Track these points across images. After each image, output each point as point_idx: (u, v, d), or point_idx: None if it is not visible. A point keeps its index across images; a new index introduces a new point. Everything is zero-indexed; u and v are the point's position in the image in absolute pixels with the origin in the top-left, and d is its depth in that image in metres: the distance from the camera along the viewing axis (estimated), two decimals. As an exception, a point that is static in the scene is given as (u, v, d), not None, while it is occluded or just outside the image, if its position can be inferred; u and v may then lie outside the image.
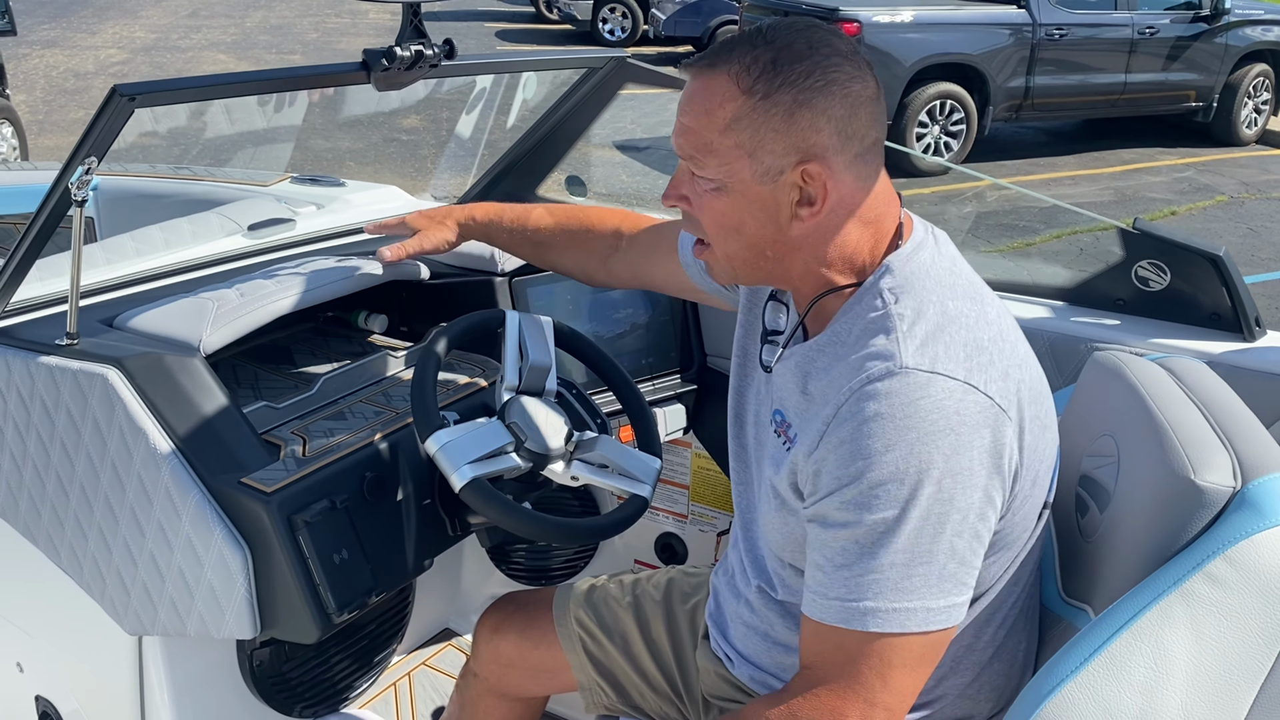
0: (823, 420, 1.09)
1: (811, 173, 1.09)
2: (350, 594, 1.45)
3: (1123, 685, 1.02)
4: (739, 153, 1.10)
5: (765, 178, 1.10)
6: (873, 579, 1.05)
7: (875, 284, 1.14)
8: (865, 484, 1.04)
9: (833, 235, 1.14)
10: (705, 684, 1.44)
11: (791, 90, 1.07)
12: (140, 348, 1.57)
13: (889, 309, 1.11)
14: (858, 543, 1.06)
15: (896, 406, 1.04)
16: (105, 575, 1.61)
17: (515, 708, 1.72)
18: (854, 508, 1.05)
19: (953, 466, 1.03)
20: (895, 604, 1.05)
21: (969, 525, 1.06)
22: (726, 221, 1.14)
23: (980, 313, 1.13)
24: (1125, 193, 7.88)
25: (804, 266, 1.16)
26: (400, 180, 2.81)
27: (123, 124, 1.41)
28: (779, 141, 1.09)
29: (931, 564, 1.05)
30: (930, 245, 1.17)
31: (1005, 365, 1.10)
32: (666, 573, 1.61)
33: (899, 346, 1.07)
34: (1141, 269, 1.75)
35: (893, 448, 1.03)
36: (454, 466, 1.39)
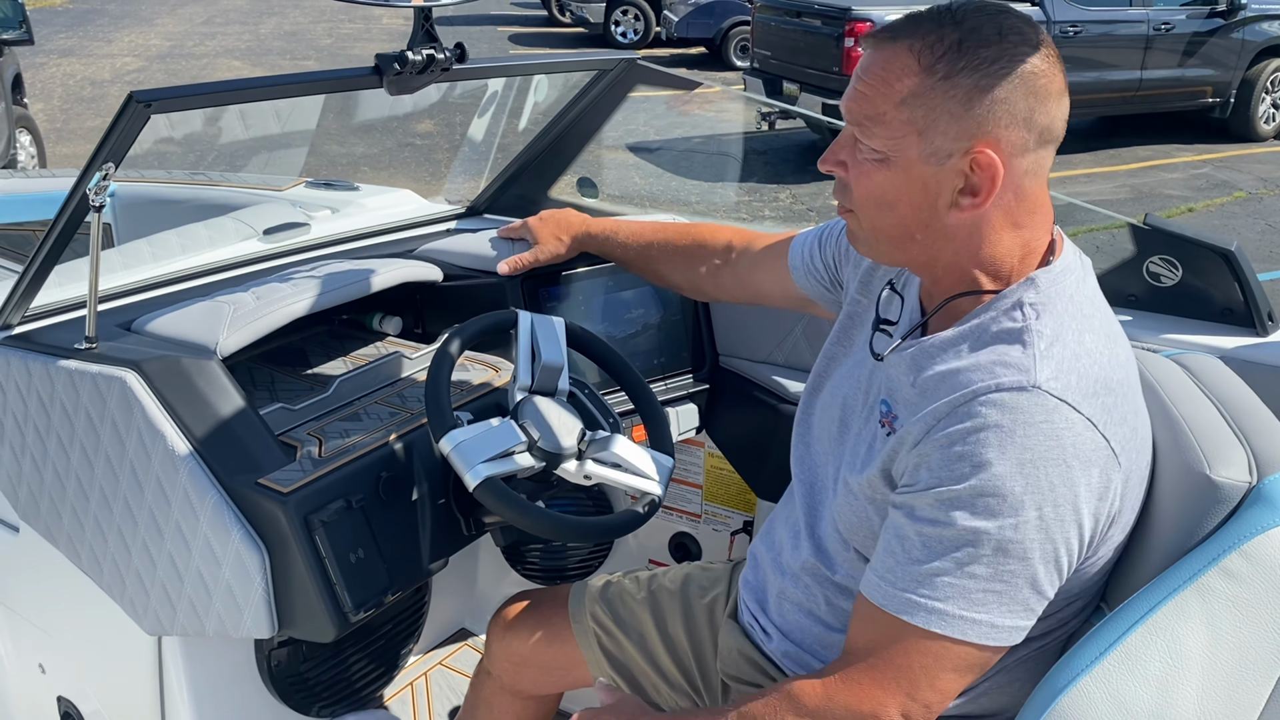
0: (934, 415, 1.08)
1: (982, 162, 1.07)
2: (367, 593, 1.46)
3: (1138, 680, 1.02)
4: (909, 129, 1.08)
5: (932, 159, 1.08)
6: (948, 581, 1.05)
7: (1017, 294, 1.11)
8: (967, 489, 1.03)
9: (988, 232, 1.11)
10: (727, 665, 1.43)
11: (974, 75, 1.05)
12: (158, 351, 1.58)
13: (1029, 324, 1.09)
14: (941, 542, 1.05)
15: (1019, 423, 1.03)
16: (125, 576, 1.62)
17: (529, 705, 1.73)
18: (948, 508, 1.04)
19: (1057, 498, 1.03)
20: (964, 612, 1.05)
21: (1057, 558, 1.05)
22: (882, 196, 1.12)
23: (1113, 352, 1.12)
24: (1142, 190, 7.84)
25: (951, 259, 1.14)
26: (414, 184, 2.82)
27: (139, 130, 1.42)
28: (953, 125, 1.06)
29: (1010, 585, 1.04)
30: (1077, 271, 1.15)
31: (1125, 411, 1.09)
32: (683, 568, 1.62)
33: (1035, 364, 1.06)
34: (1153, 265, 1.74)
35: (1004, 462, 1.02)
36: (468, 466, 1.40)
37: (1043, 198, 1.13)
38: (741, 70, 10.91)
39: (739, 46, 12.95)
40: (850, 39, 7.68)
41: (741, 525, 2.14)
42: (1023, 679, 1.23)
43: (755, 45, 9.06)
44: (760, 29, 8.90)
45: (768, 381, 1.95)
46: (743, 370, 2.01)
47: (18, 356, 1.67)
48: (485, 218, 2.41)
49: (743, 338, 2.11)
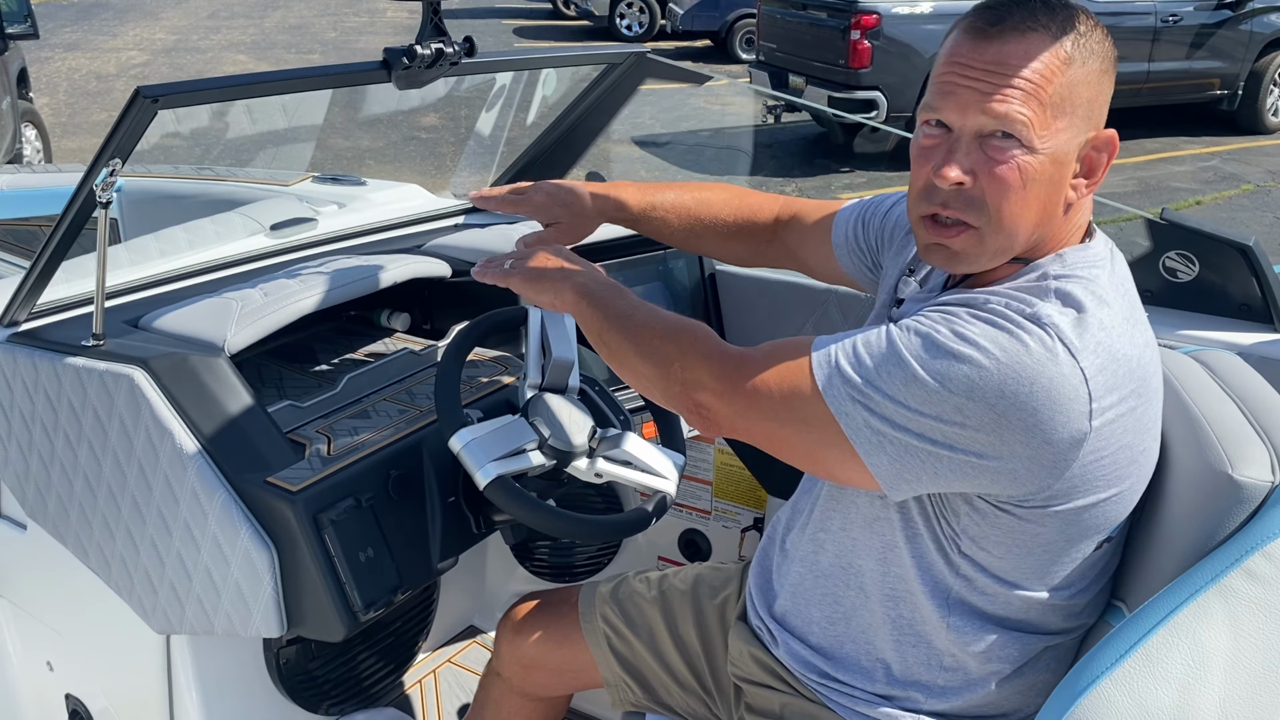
0: (942, 298, 1.11)
1: (1100, 143, 1.10)
2: (376, 592, 1.45)
3: (1159, 682, 1.01)
4: (1058, 117, 1.08)
5: (1069, 144, 1.09)
6: (870, 368, 1.07)
7: (1045, 268, 1.13)
8: (941, 336, 1.05)
9: (1074, 215, 1.14)
10: (736, 666, 1.42)
11: (1097, 59, 1.08)
12: (165, 348, 1.57)
13: (1049, 284, 1.10)
14: (893, 344, 1.06)
15: (1016, 322, 1.04)
16: (133, 575, 1.62)
17: (539, 707, 1.71)
18: (918, 341, 1.05)
19: (1016, 402, 1.02)
20: (857, 397, 1.07)
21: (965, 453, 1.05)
22: (1023, 196, 1.09)
23: (1130, 334, 1.11)
24: (1149, 183, 7.81)
25: (1025, 242, 1.13)
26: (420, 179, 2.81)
27: (146, 125, 1.41)
28: (1083, 110, 1.09)
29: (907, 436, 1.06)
30: (1106, 259, 1.16)
31: (1126, 391, 1.08)
32: (694, 569, 1.60)
33: (1055, 310, 1.06)
34: (1169, 260, 1.73)
35: (988, 341, 1.04)
36: (478, 464, 1.39)
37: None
38: (747, 63, 10.88)
39: (744, 39, 12.91)
40: (856, 31, 7.64)
41: (752, 522, 2.13)
42: (1039, 679, 1.22)
43: (761, 38, 9.02)
44: (766, 21, 8.86)
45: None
46: (753, 366, 1.99)
47: (24, 354, 1.66)
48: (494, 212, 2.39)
49: (753, 335, 2.09)
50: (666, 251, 2.07)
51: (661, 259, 2.07)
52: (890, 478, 1.09)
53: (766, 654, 1.36)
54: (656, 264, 2.06)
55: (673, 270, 2.08)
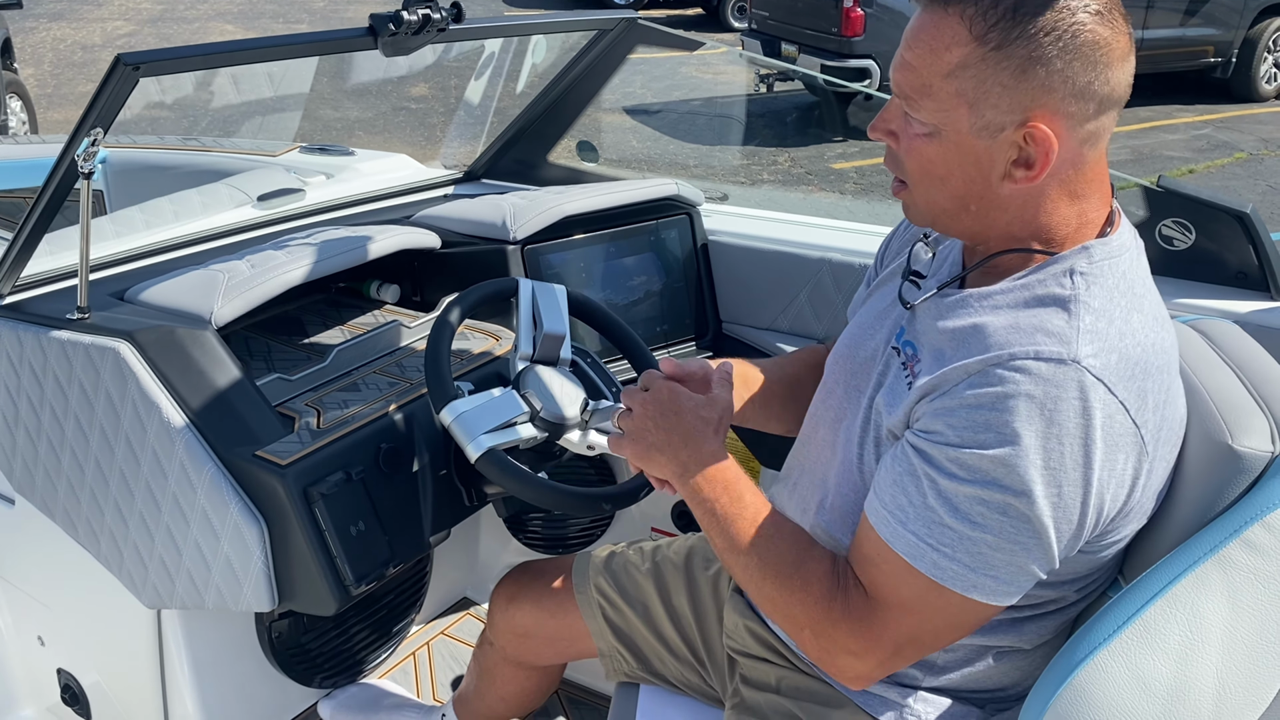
0: (964, 370, 1.05)
1: (1036, 135, 1.02)
2: (368, 566, 1.44)
3: (1157, 653, 1.00)
4: (959, 101, 1.03)
5: (984, 132, 1.04)
6: (959, 538, 1.03)
7: (1070, 261, 1.08)
8: (988, 456, 1.01)
9: (1043, 203, 1.08)
10: (732, 638, 1.42)
11: (1027, 45, 1.00)
12: (151, 321, 1.55)
13: (1078, 294, 1.06)
14: (957, 500, 1.03)
15: (1051, 397, 1.00)
16: (123, 550, 1.60)
17: (533, 675, 1.71)
18: (967, 470, 1.02)
19: (1083, 478, 1.00)
20: (970, 569, 1.03)
21: (1071, 534, 1.03)
22: (933, 169, 1.08)
23: (1159, 339, 1.08)
24: (1142, 151, 7.78)
25: (1004, 227, 1.10)
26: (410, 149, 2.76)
27: (128, 94, 1.38)
28: (1005, 97, 1.02)
29: (1018, 552, 1.03)
30: (1132, 250, 1.12)
31: (1161, 399, 1.06)
32: (687, 540, 1.59)
33: (1077, 336, 1.02)
34: (1165, 228, 1.71)
35: (1030, 434, 1.00)
36: (469, 437, 1.38)
37: (1102, 166, 1.09)
38: (739, 31, 10.79)
39: (736, 7, 12.80)
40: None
41: (745, 493, 2.12)
42: (1036, 652, 1.21)
43: (753, 5, 8.94)
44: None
45: (771, 348, 1.92)
46: (746, 337, 1.98)
47: (8, 327, 1.64)
48: (483, 183, 2.37)
49: (746, 304, 2.08)
50: (659, 221, 2.05)
51: (654, 229, 2.05)
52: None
53: (763, 627, 1.35)
54: (649, 234, 2.04)
55: (665, 240, 2.06)
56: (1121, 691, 1.00)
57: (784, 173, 7.20)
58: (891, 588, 1.08)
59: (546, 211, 1.90)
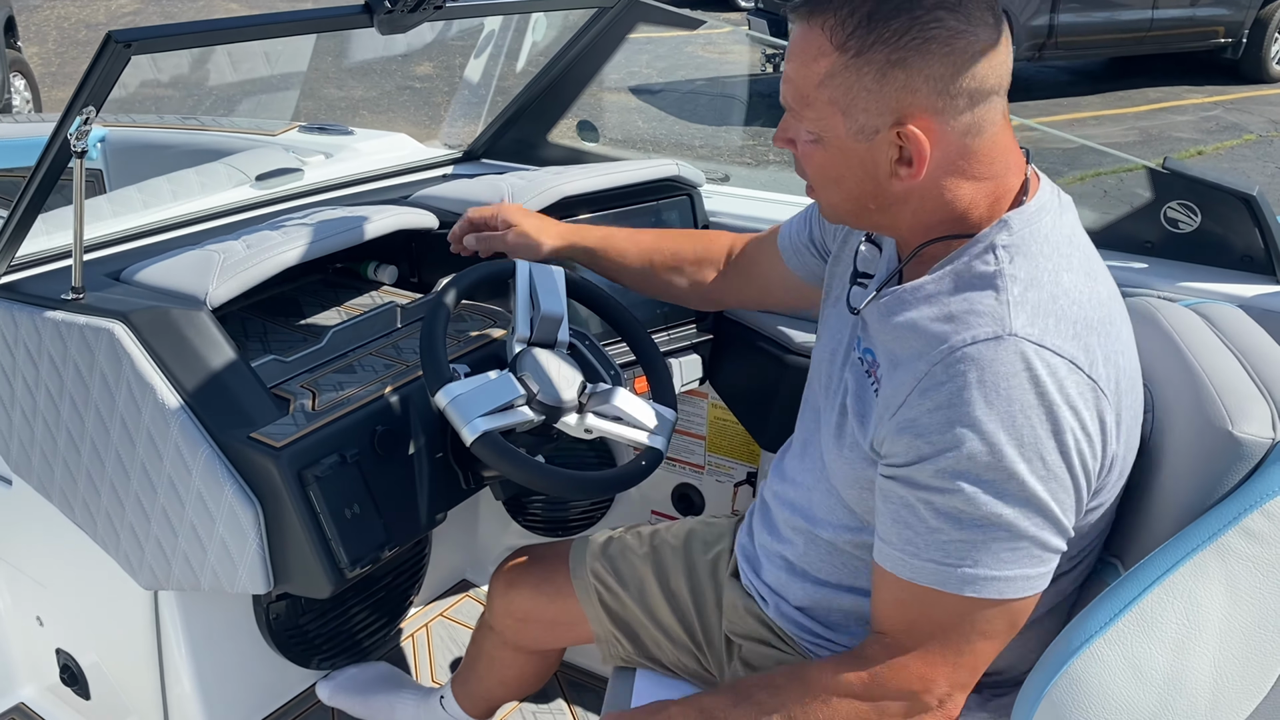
0: (913, 375, 1.05)
1: (908, 134, 1.04)
2: (363, 549, 1.44)
3: (1153, 641, 0.99)
4: (833, 109, 1.07)
5: (860, 135, 1.07)
6: (974, 546, 1.03)
7: (990, 237, 1.09)
8: (966, 455, 1.01)
9: (941, 192, 1.09)
10: (732, 622, 1.42)
11: (884, 49, 1.02)
12: (146, 301, 1.54)
13: (1001, 269, 1.06)
14: (957, 510, 1.03)
15: (1001, 376, 1.00)
16: (119, 531, 1.60)
17: (532, 660, 1.71)
18: (952, 477, 1.02)
19: (1059, 443, 1.01)
20: (996, 571, 1.03)
21: (1072, 499, 1.04)
22: (826, 173, 1.12)
23: (1094, 290, 1.09)
24: (1151, 133, 7.73)
25: (912, 219, 1.12)
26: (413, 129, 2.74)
27: (120, 71, 1.37)
28: (873, 101, 1.04)
29: (1033, 536, 1.03)
30: (1054, 209, 1.12)
31: (1110, 349, 1.07)
32: (685, 523, 1.59)
33: (1008, 311, 1.03)
34: (1171, 210, 1.69)
35: (995, 420, 1.00)
36: (465, 420, 1.37)
37: (1001, 146, 1.09)
38: (745, 10, 10.72)
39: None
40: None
41: (745, 476, 2.11)
42: (1032, 635, 1.20)
43: (760, -16, 8.88)
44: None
45: (772, 331, 1.91)
46: (747, 320, 1.96)
47: (3, 307, 1.63)
48: (483, 162, 2.35)
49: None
50: (659, 202, 2.03)
51: (654, 210, 2.03)
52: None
53: (761, 611, 1.35)
54: (649, 215, 2.03)
55: (666, 221, 2.04)
56: (1118, 680, 0.99)
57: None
58: (937, 624, 1.07)
59: (545, 192, 1.89)
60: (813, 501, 1.27)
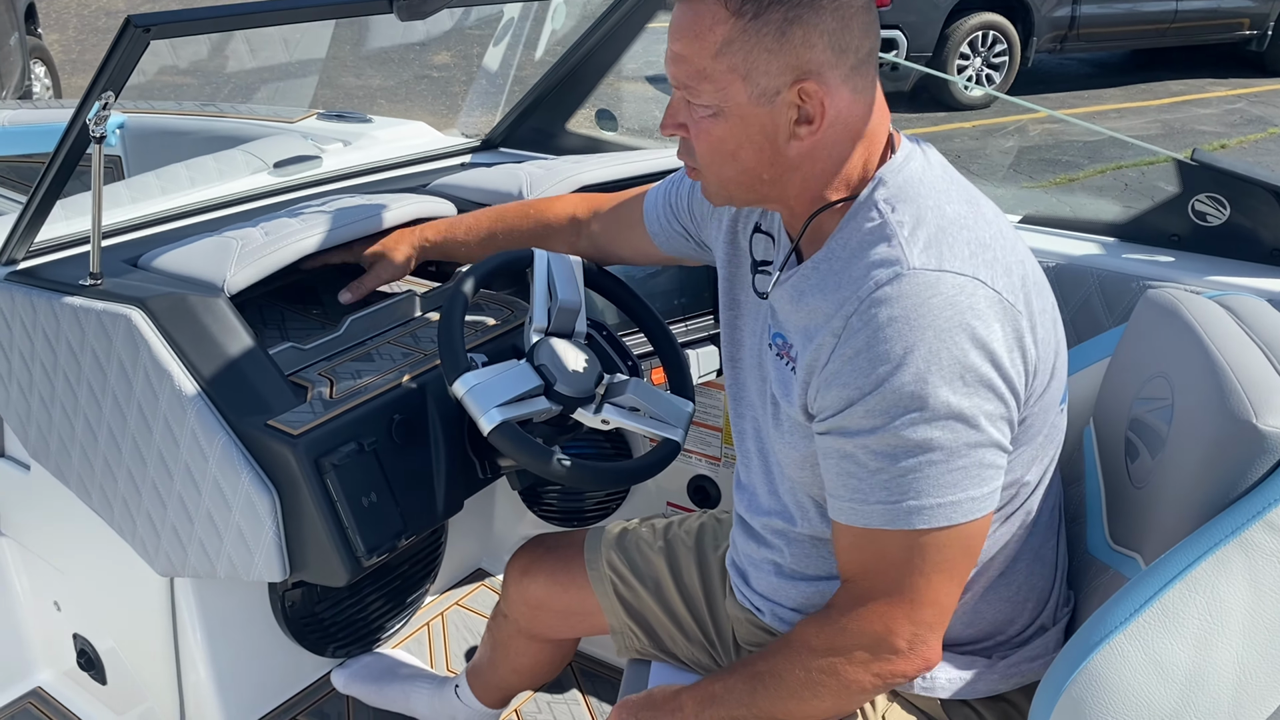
0: (831, 334, 1.08)
1: (808, 90, 1.07)
2: (379, 537, 1.44)
3: (1175, 637, 0.98)
4: (733, 76, 1.07)
5: (762, 99, 1.08)
6: (914, 477, 1.05)
7: (870, 196, 1.12)
8: (891, 389, 1.03)
9: (830, 152, 1.12)
10: (739, 632, 1.41)
11: (781, 8, 1.05)
12: (164, 288, 1.54)
13: (886, 218, 1.10)
14: (891, 446, 1.05)
15: (910, 308, 1.03)
16: (135, 517, 1.60)
17: (546, 649, 1.71)
18: (881, 414, 1.04)
19: (975, 360, 1.03)
20: (940, 499, 1.05)
21: (1000, 412, 1.06)
22: (724, 147, 1.12)
23: (978, 213, 1.13)
24: (1173, 126, 7.66)
25: (800, 186, 1.14)
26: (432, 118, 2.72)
27: (138, 56, 1.37)
28: (773, 61, 1.06)
29: (971, 454, 1.05)
30: (919, 156, 1.16)
31: (1008, 261, 1.10)
32: (698, 518, 1.58)
33: (903, 251, 1.07)
34: (1199, 203, 1.67)
35: (913, 348, 1.03)
36: (482, 410, 1.36)
37: (878, 105, 1.13)
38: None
39: (762, -24, 12.66)
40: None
41: (761, 468, 2.11)
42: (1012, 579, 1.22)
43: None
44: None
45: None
46: (765, 310, 1.95)
47: (22, 292, 1.63)
48: (501, 151, 2.35)
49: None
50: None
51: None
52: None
53: (761, 619, 1.34)
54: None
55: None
56: (1138, 676, 0.98)
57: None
58: (892, 563, 1.08)
59: (563, 181, 1.88)
60: (782, 503, 1.28)
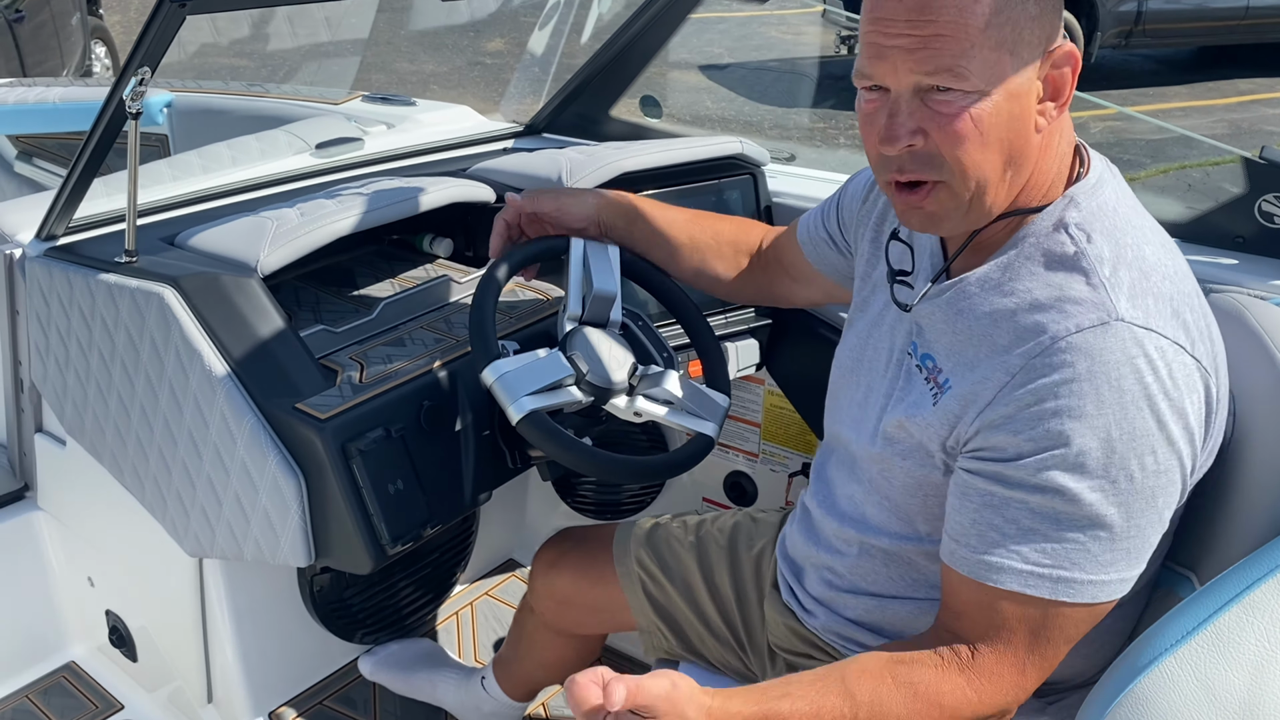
0: (1004, 370, 0.99)
1: (1061, 53, 0.98)
2: (405, 526, 1.41)
3: (1229, 662, 0.93)
4: (1000, 53, 0.95)
5: (1022, 74, 0.96)
6: (1073, 549, 0.97)
7: (1061, 217, 1.01)
8: (1072, 451, 0.95)
9: (1051, 144, 1.02)
10: (773, 635, 1.36)
11: None
12: (198, 267, 1.53)
13: (1082, 249, 0.99)
14: (1056, 510, 0.96)
15: (1111, 365, 0.94)
16: (166, 496, 1.60)
17: (572, 643, 1.68)
18: (1053, 474, 0.96)
19: (1168, 435, 0.95)
20: (1095, 575, 0.98)
21: (1175, 496, 0.98)
22: (983, 139, 0.97)
23: (1174, 263, 1.03)
24: (1240, 126, 7.44)
25: (1009, 190, 1.02)
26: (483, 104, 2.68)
27: (175, 31, 1.35)
28: (1033, 30, 0.95)
29: (1140, 536, 0.97)
30: (1110, 179, 1.05)
31: (1202, 324, 1.01)
32: (732, 516, 1.54)
33: (1108, 295, 0.96)
34: (1266, 203, 1.59)
35: (1104, 411, 0.94)
36: (512, 398, 1.33)
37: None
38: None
39: (820, -33, 12.52)
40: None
41: (800, 467, 2.06)
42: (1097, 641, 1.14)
43: (837, -36, 8.71)
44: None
45: (834, 319, 1.85)
46: (807, 305, 1.90)
47: (59, 268, 1.63)
48: (544, 137, 2.32)
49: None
50: (721, 180, 1.97)
51: (716, 189, 1.97)
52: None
53: (803, 627, 1.29)
54: (710, 194, 1.97)
55: (727, 201, 1.99)
56: (1189, 702, 0.93)
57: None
58: (1024, 629, 1.00)
59: (604, 167, 1.84)
60: (865, 512, 1.20)
